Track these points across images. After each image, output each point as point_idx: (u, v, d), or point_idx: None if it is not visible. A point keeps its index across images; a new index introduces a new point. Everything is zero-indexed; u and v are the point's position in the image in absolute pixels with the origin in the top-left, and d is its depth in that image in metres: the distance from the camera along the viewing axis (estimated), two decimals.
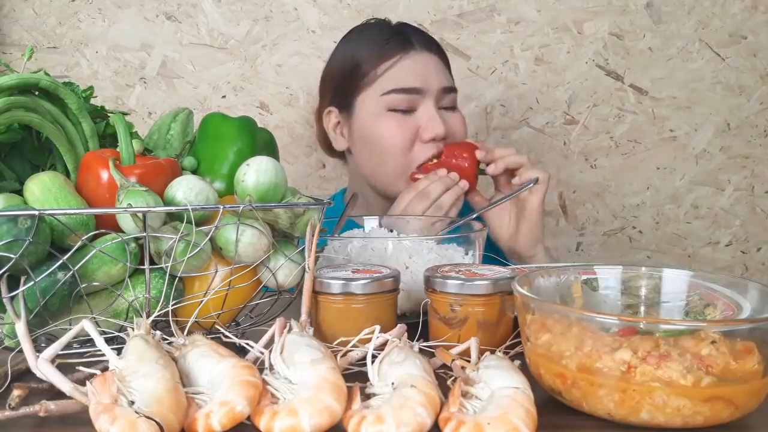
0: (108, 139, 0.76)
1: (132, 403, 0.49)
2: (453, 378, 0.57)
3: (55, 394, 0.54)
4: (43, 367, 0.54)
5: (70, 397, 0.52)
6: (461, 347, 0.63)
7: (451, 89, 1.15)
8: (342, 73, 1.17)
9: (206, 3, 1.43)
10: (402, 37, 1.14)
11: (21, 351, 0.56)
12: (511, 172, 1.08)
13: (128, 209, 0.62)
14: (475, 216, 1.00)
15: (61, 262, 0.61)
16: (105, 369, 0.55)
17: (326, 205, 0.71)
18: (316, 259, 0.69)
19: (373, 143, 1.13)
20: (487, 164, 1.08)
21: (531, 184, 1.04)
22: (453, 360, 0.58)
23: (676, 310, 0.65)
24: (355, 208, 1.04)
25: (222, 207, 0.65)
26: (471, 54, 1.45)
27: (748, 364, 0.52)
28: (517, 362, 0.58)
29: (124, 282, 0.65)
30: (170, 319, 0.62)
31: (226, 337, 0.62)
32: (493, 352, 0.61)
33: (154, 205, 0.63)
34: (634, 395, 0.51)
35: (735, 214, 1.52)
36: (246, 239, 0.66)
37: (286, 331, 0.60)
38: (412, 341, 0.61)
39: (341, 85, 1.17)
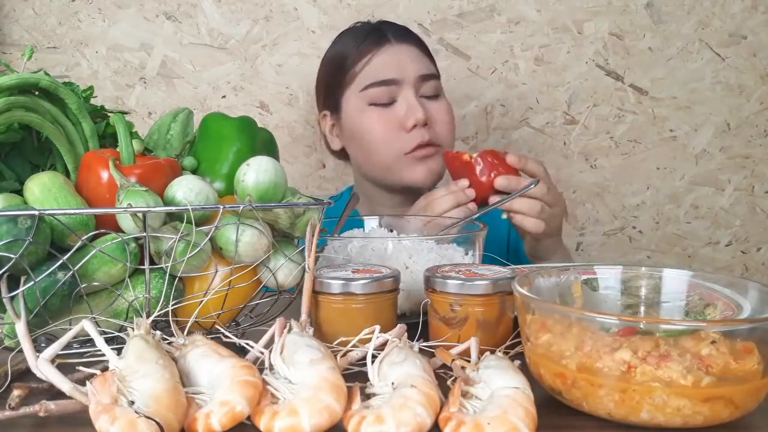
0: (108, 139, 0.76)
1: (132, 403, 0.49)
2: (453, 378, 0.57)
3: (55, 394, 0.54)
4: (43, 367, 0.54)
5: (70, 397, 0.52)
6: (461, 347, 0.63)
7: (431, 76, 1.17)
8: (329, 75, 1.21)
9: (206, 3, 1.43)
10: (379, 34, 1.17)
11: (21, 351, 0.56)
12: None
13: (128, 209, 0.62)
14: (474, 217, 1.00)
15: (61, 262, 0.61)
16: (105, 369, 0.55)
17: (326, 205, 0.71)
18: (316, 259, 0.69)
19: (360, 138, 1.17)
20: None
21: (532, 186, 1.03)
22: (453, 360, 0.58)
23: (676, 310, 0.65)
24: (360, 206, 1.04)
25: (222, 207, 0.65)
26: (471, 54, 1.45)
27: (748, 364, 0.52)
28: (517, 362, 0.58)
29: (124, 282, 0.65)
30: (170, 319, 0.62)
31: (226, 337, 0.62)
32: (493, 352, 0.61)
33: (154, 205, 0.63)
34: (634, 395, 0.51)
35: (735, 214, 1.51)
36: (246, 239, 0.66)
37: (286, 331, 0.60)
38: (412, 341, 0.61)
39: (329, 86, 1.21)
